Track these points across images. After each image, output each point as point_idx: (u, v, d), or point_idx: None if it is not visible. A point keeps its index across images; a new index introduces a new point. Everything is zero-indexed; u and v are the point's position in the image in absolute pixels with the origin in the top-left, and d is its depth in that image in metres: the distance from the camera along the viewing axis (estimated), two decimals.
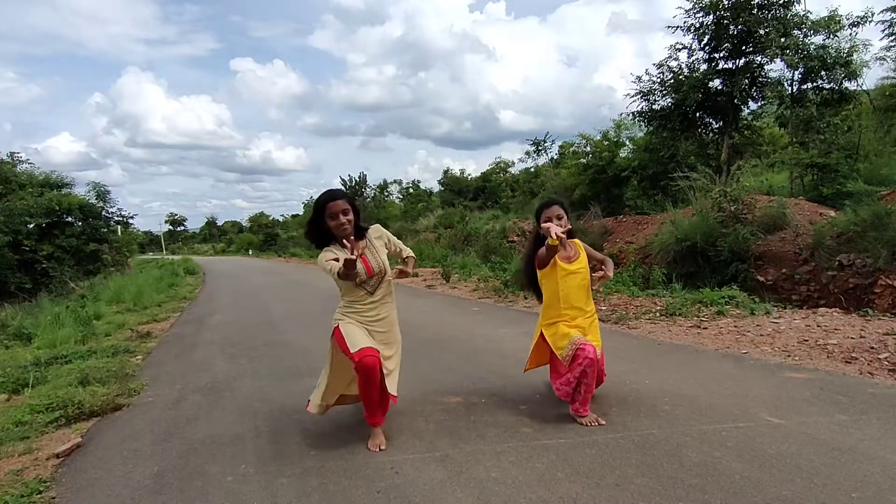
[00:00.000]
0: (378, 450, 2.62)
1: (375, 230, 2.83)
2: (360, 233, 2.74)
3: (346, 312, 2.73)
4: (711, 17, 12.09)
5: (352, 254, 2.39)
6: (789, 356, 3.88)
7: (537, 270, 2.93)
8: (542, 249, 2.80)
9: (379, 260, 2.72)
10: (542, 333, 2.97)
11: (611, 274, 2.87)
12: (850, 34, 11.88)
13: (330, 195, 2.65)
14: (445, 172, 36.45)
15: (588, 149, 17.74)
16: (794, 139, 12.98)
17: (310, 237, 2.76)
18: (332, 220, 2.62)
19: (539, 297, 3.06)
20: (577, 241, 3.01)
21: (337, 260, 2.50)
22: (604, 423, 2.74)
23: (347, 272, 2.42)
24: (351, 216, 2.64)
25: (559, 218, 2.86)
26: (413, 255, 2.96)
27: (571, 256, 2.90)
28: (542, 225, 2.70)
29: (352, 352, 2.56)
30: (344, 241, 2.53)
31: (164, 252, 59.64)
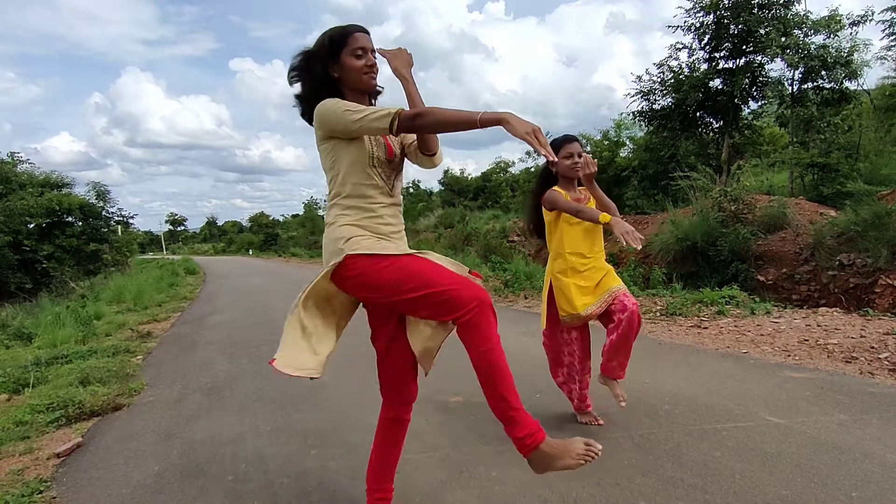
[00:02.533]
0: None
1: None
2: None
3: (357, 225, 1.70)
4: (712, 16, 12.10)
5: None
6: (789, 356, 3.88)
7: (544, 214, 2.69)
8: (567, 203, 2.55)
9: (400, 148, 1.82)
10: (551, 286, 2.73)
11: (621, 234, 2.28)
12: (851, 34, 11.88)
13: (354, 26, 1.73)
14: (445, 172, 36.40)
15: (588, 148, 17.75)
16: (795, 139, 12.98)
17: (303, 83, 1.76)
18: (357, 57, 1.69)
19: (543, 241, 2.81)
20: (590, 189, 2.74)
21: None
22: (601, 423, 2.72)
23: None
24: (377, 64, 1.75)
25: (580, 156, 2.58)
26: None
27: (581, 199, 2.67)
28: (623, 233, 2.27)
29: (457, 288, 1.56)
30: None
31: (165, 252, 59.68)
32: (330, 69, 1.71)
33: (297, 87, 1.78)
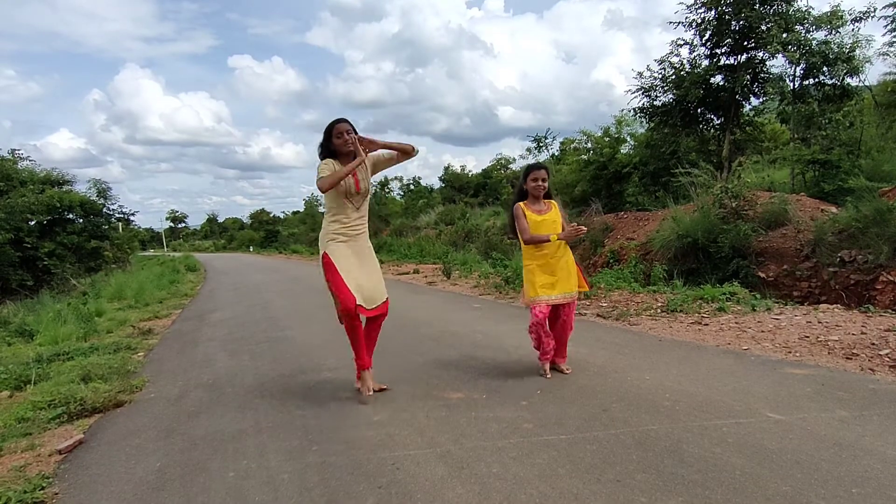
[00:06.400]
0: (369, 392, 3.29)
1: (371, 156, 3.34)
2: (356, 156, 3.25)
3: (334, 231, 3.24)
4: (713, 12, 12.02)
5: (357, 153, 3.17)
6: (790, 352, 3.88)
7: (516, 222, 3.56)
8: (523, 222, 3.48)
9: (367, 182, 3.33)
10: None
11: (574, 230, 3.36)
12: (853, 30, 11.79)
13: (337, 119, 3.23)
14: (446, 169, 36.41)
15: (589, 145, 17.69)
16: (796, 135, 12.93)
17: (322, 157, 3.26)
18: (338, 138, 3.17)
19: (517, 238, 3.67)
20: (553, 202, 3.60)
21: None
22: (549, 376, 3.56)
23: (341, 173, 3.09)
24: (354, 136, 3.19)
25: (544, 181, 3.49)
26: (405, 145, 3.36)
27: (542, 210, 3.52)
28: (569, 236, 3.41)
29: (346, 302, 3.09)
30: (350, 146, 3.17)
31: (166, 249, 59.70)
32: (331, 144, 3.23)
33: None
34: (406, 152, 3.35)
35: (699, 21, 12.30)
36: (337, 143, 3.19)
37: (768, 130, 15.37)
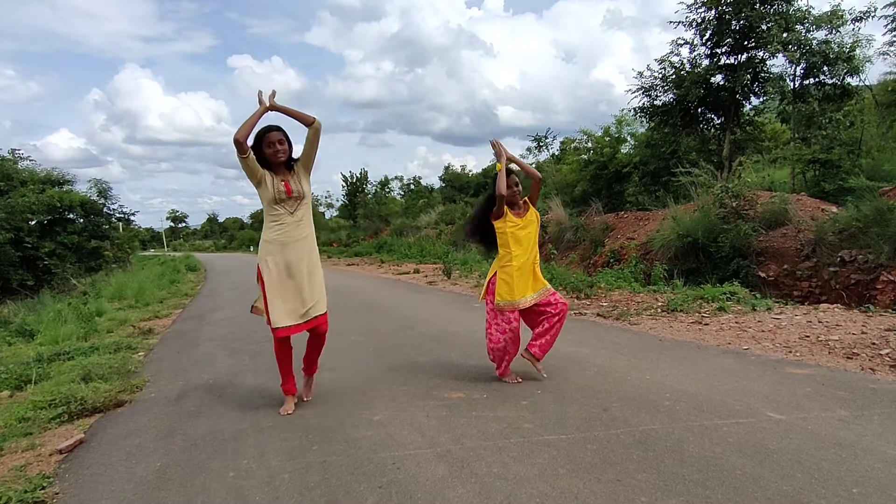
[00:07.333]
0: (286, 414, 3.14)
1: (301, 156, 3.20)
2: (290, 165, 3.15)
3: (269, 239, 3.08)
4: (713, 12, 12.02)
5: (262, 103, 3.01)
6: (790, 352, 3.88)
7: (493, 222, 3.53)
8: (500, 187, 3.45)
9: (300, 187, 3.11)
10: (496, 274, 3.53)
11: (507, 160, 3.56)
12: (853, 29, 11.77)
13: (268, 127, 3.06)
14: (446, 168, 36.39)
15: (589, 145, 17.67)
16: (796, 135, 12.92)
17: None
18: (269, 148, 3.01)
19: (487, 245, 3.70)
20: (531, 204, 3.67)
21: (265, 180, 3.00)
22: (520, 380, 3.48)
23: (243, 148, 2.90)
24: (286, 147, 3.05)
25: (516, 185, 3.56)
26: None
27: (521, 213, 3.58)
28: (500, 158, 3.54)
29: (271, 324, 3.06)
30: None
31: (166, 248, 59.74)
32: (262, 152, 3.02)
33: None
34: (307, 123, 3.07)
35: (699, 20, 12.30)
36: (268, 153, 3.00)
37: (768, 130, 15.35)
